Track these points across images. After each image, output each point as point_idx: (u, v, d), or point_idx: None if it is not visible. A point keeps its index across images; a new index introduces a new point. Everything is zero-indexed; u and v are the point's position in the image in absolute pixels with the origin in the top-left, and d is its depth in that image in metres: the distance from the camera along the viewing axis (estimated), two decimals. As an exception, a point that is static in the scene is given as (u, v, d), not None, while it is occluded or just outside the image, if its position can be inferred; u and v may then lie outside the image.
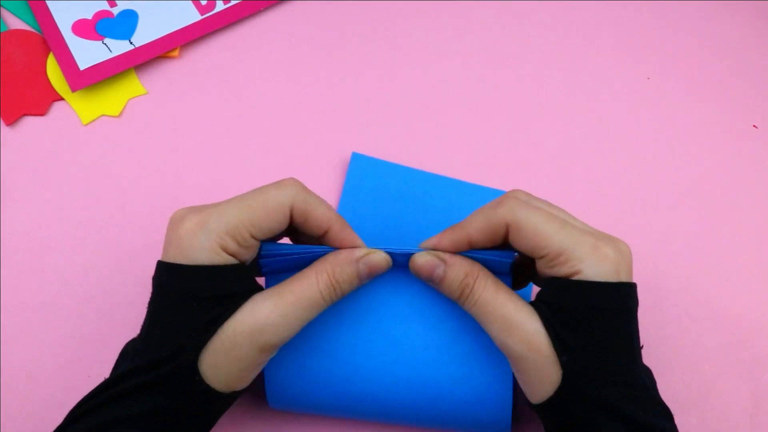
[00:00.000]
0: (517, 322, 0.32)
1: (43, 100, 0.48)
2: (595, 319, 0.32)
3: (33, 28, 0.50)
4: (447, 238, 0.34)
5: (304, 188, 0.34)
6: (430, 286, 0.35)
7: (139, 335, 0.34)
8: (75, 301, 0.43)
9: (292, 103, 0.49)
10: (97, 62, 0.48)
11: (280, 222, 0.34)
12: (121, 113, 0.48)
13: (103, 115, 0.48)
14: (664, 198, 0.47)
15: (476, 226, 0.34)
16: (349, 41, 0.51)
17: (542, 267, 0.33)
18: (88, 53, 0.49)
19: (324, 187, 0.46)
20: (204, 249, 0.32)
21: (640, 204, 0.46)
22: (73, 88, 0.48)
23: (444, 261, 0.33)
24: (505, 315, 0.32)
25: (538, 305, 0.33)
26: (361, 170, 0.46)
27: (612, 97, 0.50)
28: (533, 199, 0.35)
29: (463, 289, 0.33)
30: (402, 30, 0.51)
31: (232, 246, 0.33)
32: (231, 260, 0.33)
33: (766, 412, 0.41)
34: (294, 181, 0.35)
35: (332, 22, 0.51)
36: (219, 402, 0.33)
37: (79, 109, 0.48)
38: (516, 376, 0.33)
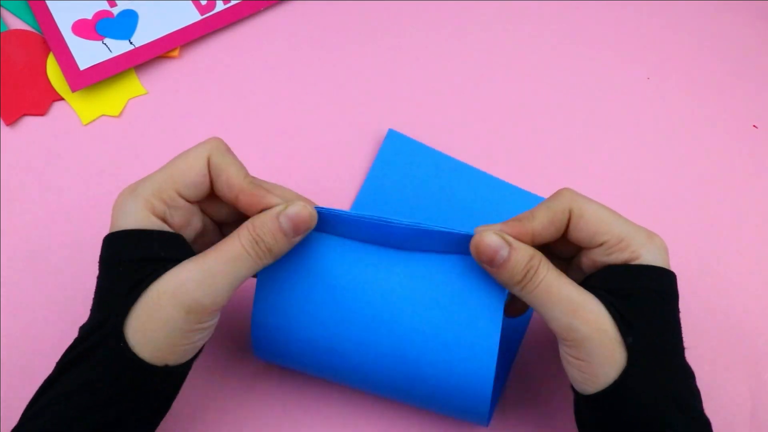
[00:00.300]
0: (582, 302, 0.32)
1: (43, 100, 0.48)
2: (655, 302, 0.33)
3: (33, 28, 0.50)
4: (511, 230, 0.34)
5: (226, 147, 0.35)
6: (484, 268, 0.34)
7: None
8: (75, 301, 0.43)
9: (292, 103, 0.49)
10: (97, 62, 0.48)
11: (200, 174, 0.33)
12: (121, 113, 0.48)
13: (103, 115, 0.48)
14: (664, 198, 0.47)
15: (540, 219, 0.34)
16: (349, 41, 0.51)
17: (598, 255, 0.34)
18: (88, 53, 0.49)
19: (324, 185, 0.46)
20: (131, 213, 0.32)
21: (639, 204, 0.46)
22: (73, 88, 0.48)
23: (510, 244, 0.33)
24: (570, 296, 0.32)
25: (593, 291, 0.33)
26: (394, 148, 0.47)
27: (612, 97, 0.50)
28: None
29: (527, 272, 0.32)
30: (402, 29, 0.51)
31: (160, 207, 0.33)
32: (162, 226, 0.33)
33: (766, 412, 0.41)
34: (217, 138, 0.35)
35: (332, 22, 0.51)
36: (153, 377, 0.32)
37: (79, 109, 0.48)
38: (574, 364, 0.33)
